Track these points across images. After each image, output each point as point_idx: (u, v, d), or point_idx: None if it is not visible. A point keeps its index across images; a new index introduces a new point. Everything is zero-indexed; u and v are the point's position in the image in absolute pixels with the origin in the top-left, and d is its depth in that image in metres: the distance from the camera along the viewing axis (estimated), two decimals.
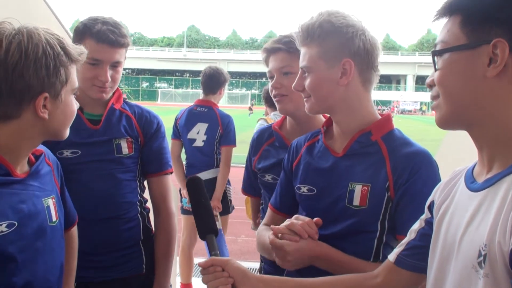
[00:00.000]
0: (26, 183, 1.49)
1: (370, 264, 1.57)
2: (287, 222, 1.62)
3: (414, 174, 1.55)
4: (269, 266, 2.27)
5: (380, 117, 1.72)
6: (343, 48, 1.63)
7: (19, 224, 1.42)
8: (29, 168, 1.54)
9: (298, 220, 1.61)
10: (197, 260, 5.51)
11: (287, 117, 2.24)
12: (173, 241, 2.27)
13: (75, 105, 1.56)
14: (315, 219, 1.61)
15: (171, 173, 2.31)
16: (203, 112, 4.78)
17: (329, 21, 1.64)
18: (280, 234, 1.60)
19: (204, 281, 1.42)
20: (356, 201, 1.62)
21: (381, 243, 1.62)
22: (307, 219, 1.61)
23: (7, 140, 1.42)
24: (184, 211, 4.87)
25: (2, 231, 1.37)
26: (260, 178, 2.24)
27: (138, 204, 2.21)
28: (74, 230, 1.90)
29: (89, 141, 1.99)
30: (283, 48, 2.10)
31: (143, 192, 2.27)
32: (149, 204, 2.30)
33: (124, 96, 2.26)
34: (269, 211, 1.99)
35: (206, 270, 1.43)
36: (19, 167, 1.48)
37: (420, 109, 62.86)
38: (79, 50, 1.51)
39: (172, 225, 2.27)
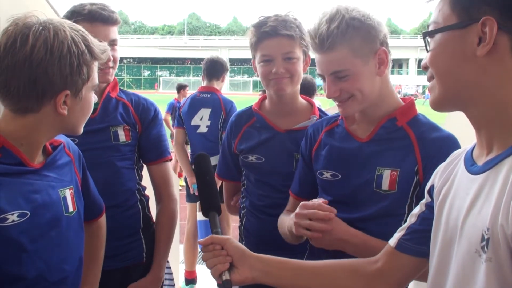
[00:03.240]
0: (41, 173, 1.49)
1: None
2: (303, 210, 1.63)
3: (444, 159, 1.54)
4: (251, 245, 2.27)
5: (402, 102, 1.74)
6: (374, 39, 1.63)
7: (32, 214, 1.42)
8: (45, 158, 1.54)
9: (312, 205, 1.63)
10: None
11: (267, 97, 2.25)
12: (174, 226, 2.29)
13: (93, 101, 1.57)
14: (321, 200, 1.64)
15: (170, 160, 2.31)
16: (206, 98, 4.77)
17: (354, 17, 1.62)
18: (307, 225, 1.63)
19: (203, 259, 1.43)
20: (385, 186, 1.65)
21: None
22: (318, 202, 1.63)
23: (23, 131, 1.43)
24: (189, 199, 4.86)
25: (13, 221, 1.38)
26: (243, 160, 2.26)
27: (137, 192, 2.21)
28: (102, 220, 1.91)
29: (86, 129, 1.98)
30: (285, 34, 2.06)
31: (141, 180, 2.27)
32: (147, 192, 2.30)
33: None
34: (290, 198, 2.02)
35: (206, 248, 1.43)
36: (35, 158, 1.48)
37: (423, 92, 62.67)
38: (102, 48, 1.52)
39: (174, 209, 2.28)
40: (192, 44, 78.70)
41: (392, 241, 1.34)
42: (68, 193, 1.58)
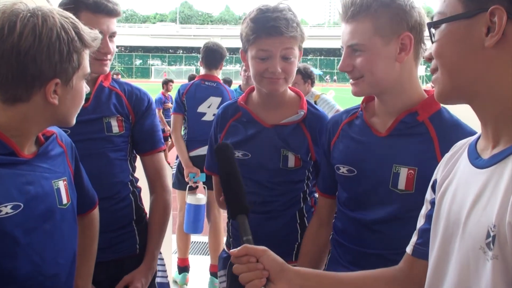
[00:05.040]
0: (33, 164, 1.46)
1: None
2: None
3: None
4: (239, 242, 2.24)
5: (426, 94, 1.63)
6: (401, 22, 1.53)
7: (25, 206, 1.39)
8: (37, 149, 1.50)
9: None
10: (193, 238, 5.52)
11: (254, 91, 2.18)
12: (167, 216, 2.27)
13: (85, 91, 1.54)
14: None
15: (164, 150, 2.29)
16: (213, 87, 4.75)
17: None
18: None
19: (236, 272, 1.30)
20: (402, 185, 1.56)
21: None
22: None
23: (14, 122, 1.40)
24: (179, 186, 4.82)
25: (7, 213, 1.35)
26: None
27: (130, 183, 2.19)
28: (95, 213, 1.88)
29: (78, 119, 1.96)
30: (288, 36, 1.95)
31: (134, 171, 2.25)
32: (140, 184, 2.28)
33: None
34: (318, 197, 1.98)
35: (239, 260, 1.31)
36: (26, 148, 1.45)
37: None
38: (93, 35, 1.48)
39: (168, 200, 2.27)
40: (184, 33, 78.30)
41: (409, 248, 1.29)
42: (61, 184, 1.55)
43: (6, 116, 1.39)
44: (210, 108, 4.69)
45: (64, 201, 1.55)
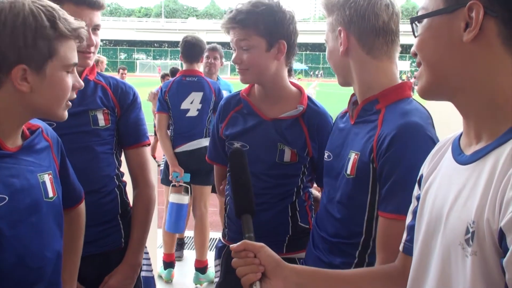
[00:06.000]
0: (18, 157, 1.45)
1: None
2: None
3: (392, 147, 1.48)
4: (233, 233, 2.28)
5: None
6: (338, 18, 1.63)
7: (10, 198, 1.39)
8: (22, 142, 1.49)
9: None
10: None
11: (255, 84, 2.23)
12: (150, 212, 2.25)
13: (70, 83, 1.50)
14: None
15: (149, 144, 2.28)
16: (194, 82, 4.72)
17: None
18: None
19: (234, 265, 1.35)
20: (349, 170, 1.61)
21: (372, 218, 1.58)
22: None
23: None
24: (166, 182, 4.80)
25: None
26: (229, 146, 2.23)
27: (116, 177, 2.18)
28: (81, 207, 1.87)
29: None
30: (236, 26, 2.07)
31: (120, 165, 2.23)
32: (125, 178, 2.27)
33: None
34: None
35: (238, 254, 1.35)
36: (10, 141, 1.44)
37: (400, 78, 63.07)
38: (76, 26, 1.46)
39: (151, 195, 2.25)
40: (169, 27, 77.93)
41: (400, 245, 1.30)
42: (47, 178, 1.54)
43: None
44: (192, 104, 4.67)
45: (50, 194, 1.55)
